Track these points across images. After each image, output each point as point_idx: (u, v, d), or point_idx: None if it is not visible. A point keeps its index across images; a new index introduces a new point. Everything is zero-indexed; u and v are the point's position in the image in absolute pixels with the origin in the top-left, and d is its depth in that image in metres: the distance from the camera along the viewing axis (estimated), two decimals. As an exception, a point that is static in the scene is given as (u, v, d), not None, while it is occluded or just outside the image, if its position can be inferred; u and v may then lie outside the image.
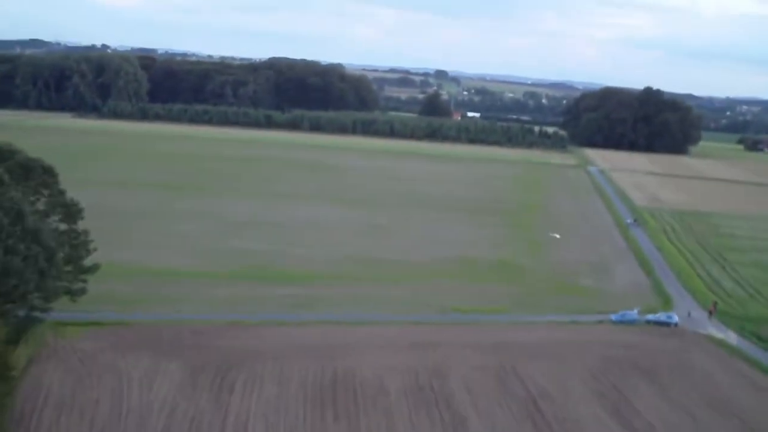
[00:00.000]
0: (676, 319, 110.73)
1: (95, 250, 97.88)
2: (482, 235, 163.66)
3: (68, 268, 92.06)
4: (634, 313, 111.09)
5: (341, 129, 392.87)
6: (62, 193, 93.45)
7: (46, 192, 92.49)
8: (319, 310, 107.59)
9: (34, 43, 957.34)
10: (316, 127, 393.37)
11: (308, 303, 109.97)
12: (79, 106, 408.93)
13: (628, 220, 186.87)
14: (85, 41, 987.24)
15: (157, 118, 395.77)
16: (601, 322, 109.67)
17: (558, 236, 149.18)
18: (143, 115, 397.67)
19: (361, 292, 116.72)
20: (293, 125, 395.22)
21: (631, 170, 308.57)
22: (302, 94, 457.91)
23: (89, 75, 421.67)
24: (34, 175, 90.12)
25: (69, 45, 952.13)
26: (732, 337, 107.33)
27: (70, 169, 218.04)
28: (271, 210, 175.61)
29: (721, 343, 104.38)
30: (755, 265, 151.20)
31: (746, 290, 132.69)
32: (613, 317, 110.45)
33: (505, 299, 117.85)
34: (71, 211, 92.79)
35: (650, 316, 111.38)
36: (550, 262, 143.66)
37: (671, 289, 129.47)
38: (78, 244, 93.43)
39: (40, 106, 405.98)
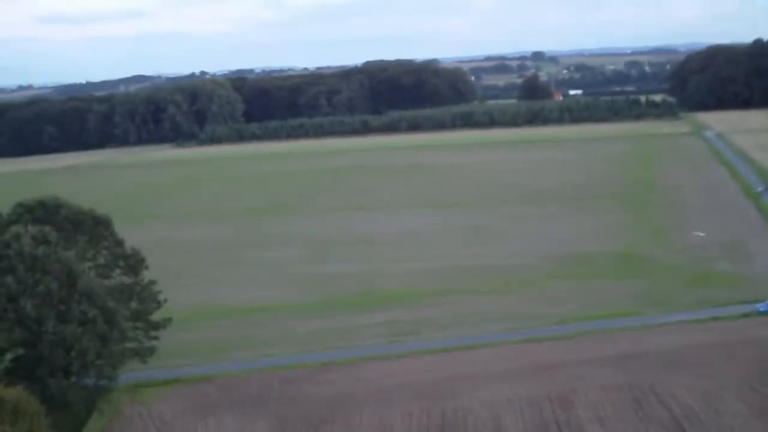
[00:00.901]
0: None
1: (165, 301, 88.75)
2: (597, 224, 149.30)
3: (137, 324, 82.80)
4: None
5: (439, 125, 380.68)
6: (120, 243, 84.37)
7: (103, 245, 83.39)
8: (422, 336, 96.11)
9: (137, 79, 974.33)
10: (414, 127, 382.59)
11: (409, 329, 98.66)
12: (178, 136, 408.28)
13: (759, 188, 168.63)
14: (185, 71, 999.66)
15: (254, 137, 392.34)
16: (746, 315, 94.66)
17: (702, 234, 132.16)
18: (240, 137, 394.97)
19: (468, 308, 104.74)
20: (391, 128, 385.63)
21: (751, 130, 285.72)
22: (397, 95, 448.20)
23: (183, 104, 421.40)
24: (85, 228, 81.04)
25: (169, 77, 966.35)
26: None
27: (158, 203, 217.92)
28: (365, 224, 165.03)
29: None
30: None
31: None
32: (760, 307, 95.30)
33: (631, 299, 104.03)
34: (131, 263, 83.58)
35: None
36: (677, 248, 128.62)
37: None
38: (144, 298, 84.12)
39: (140, 141, 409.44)
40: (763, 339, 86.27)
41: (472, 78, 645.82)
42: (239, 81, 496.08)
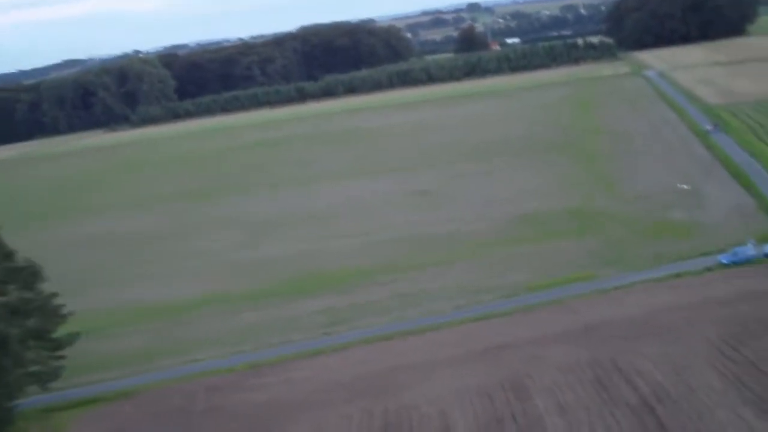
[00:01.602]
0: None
1: (71, 314, 79.25)
2: (544, 179, 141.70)
3: (38, 344, 73.41)
4: (748, 249, 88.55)
5: (377, 86, 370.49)
6: (10, 256, 74.41)
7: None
8: (362, 323, 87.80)
9: (69, 64, 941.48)
10: (351, 90, 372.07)
11: (348, 316, 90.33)
12: (110, 120, 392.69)
13: (707, 127, 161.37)
14: (119, 52, 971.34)
15: (188, 115, 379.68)
16: (709, 269, 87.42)
17: (687, 187, 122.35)
18: (174, 115, 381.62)
19: (412, 286, 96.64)
20: (327, 93, 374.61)
21: (691, 66, 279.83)
22: (332, 59, 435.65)
23: (113, 86, 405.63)
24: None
25: (104, 58, 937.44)
26: None
27: (87, 194, 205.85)
28: (304, 199, 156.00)
29: None
30: None
31: None
32: (722, 259, 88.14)
33: (586, 260, 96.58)
34: (25, 275, 73.79)
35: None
36: (629, 199, 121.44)
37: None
38: (44, 313, 74.58)
39: (71, 129, 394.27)
40: (728, 296, 78.94)
41: (409, 35, 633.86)
42: (169, 57, 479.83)
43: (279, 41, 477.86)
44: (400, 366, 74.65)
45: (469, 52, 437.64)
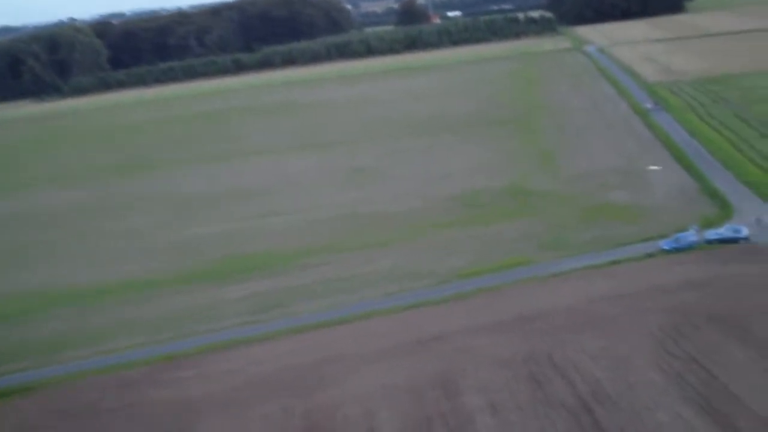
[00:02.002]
0: (745, 231, 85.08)
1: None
2: (483, 155, 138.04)
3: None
4: (690, 234, 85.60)
5: (315, 58, 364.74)
6: None
7: None
8: (289, 310, 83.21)
9: (2, 31, 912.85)
10: (289, 62, 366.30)
11: (276, 302, 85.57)
12: (40, 90, 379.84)
13: (648, 105, 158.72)
14: (52, 19, 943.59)
15: (122, 85, 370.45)
16: (651, 255, 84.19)
17: (658, 168, 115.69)
18: (106, 86, 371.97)
19: (343, 270, 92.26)
20: (264, 64, 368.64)
21: (632, 42, 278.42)
22: (270, 30, 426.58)
23: (43, 55, 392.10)
24: None
25: (37, 26, 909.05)
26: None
27: (8, 169, 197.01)
28: (237, 175, 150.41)
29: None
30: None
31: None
32: (664, 245, 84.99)
33: (524, 243, 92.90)
34: None
35: (711, 234, 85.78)
36: (569, 178, 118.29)
37: (724, 186, 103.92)
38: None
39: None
40: (670, 285, 75.64)
41: (349, 7, 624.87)
42: (104, 26, 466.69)
43: (216, 11, 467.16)
44: (328, 359, 70.16)
45: (410, 24, 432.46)
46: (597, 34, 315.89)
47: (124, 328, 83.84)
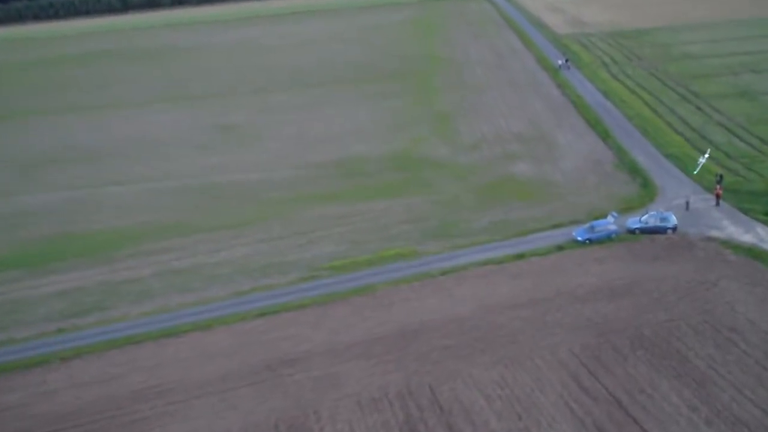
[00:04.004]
0: (673, 219, 70.45)
1: None
2: (372, 116, 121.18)
3: None
4: (608, 222, 70.62)
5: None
6: None
7: None
8: (110, 315, 65.46)
9: None
10: (180, 2, 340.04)
11: (96, 302, 67.86)
12: None
13: (559, 62, 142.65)
14: None
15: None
16: (561, 248, 69.00)
17: (706, 157, 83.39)
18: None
19: (186, 258, 75.10)
20: (153, 3, 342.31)
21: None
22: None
23: None
24: None
25: None
26: (765, 234, 68.11)
27: None
28: (92, 131, 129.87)
29: (756, 253, 64.62)
30: (737, 94, 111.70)
31: (745, 139, 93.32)
32: (577, 235, 69.88)
33: (407, 228, 76.87)
34: None
35: (633, 222, 71.00)
36: (467, 145, 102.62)
37: (645, 159, 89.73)
38: None
39: None
40: (584, 290, 60.65)
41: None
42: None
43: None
44: (144, 391, 53.31)
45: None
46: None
47: None
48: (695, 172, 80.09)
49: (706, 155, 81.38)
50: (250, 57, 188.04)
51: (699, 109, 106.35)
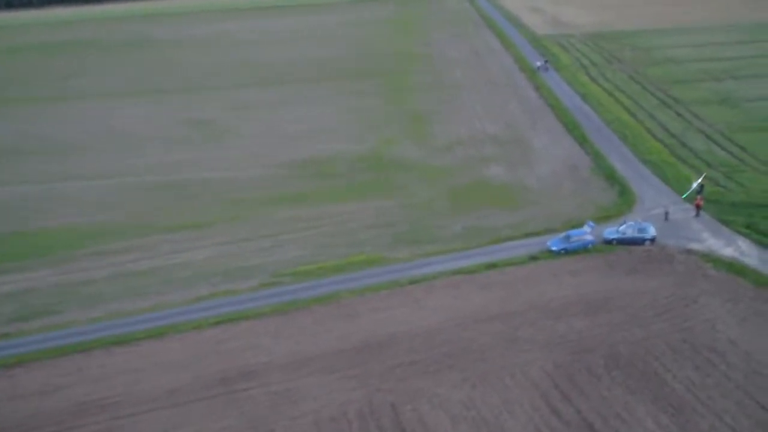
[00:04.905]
0: (652, 230, 67.86)
1: None
2: (344, 114, 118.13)
3: None
4: (584, 232, 67.96)
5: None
6: None
7: None
8: (60, 319, 62.14)
9: None
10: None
11: (46, 305, 64.47)
12: None
13: (538, 63, 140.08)
14: None
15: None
16: (534, 258, 66.22)
17: (699, 182, 77.16)
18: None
19: (145, 260, 71.87)
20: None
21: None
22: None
23: None
24: None
25: None
26: (746, 248, 65.60)
27: None
28: (60, 123, 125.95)
29: (738, 268, 62.06)
30: (719, 101, 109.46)
31: (726, 147, 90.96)
32: (552, 245, 67.14)
33: (377, 232, 74.00)
34: None
35: (610, 233, 68.36)
36: (440, 146, 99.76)
37: (622, 165, 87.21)
38: None
39: None
40: (558, 304, 57.94)
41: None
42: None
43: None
44: (88, 404, 50.09)
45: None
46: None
47: None
48: (684, 197, 76.70)
49: (701, 180, 77.72)
50: (225, 51, 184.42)
51: (679, 114, 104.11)
